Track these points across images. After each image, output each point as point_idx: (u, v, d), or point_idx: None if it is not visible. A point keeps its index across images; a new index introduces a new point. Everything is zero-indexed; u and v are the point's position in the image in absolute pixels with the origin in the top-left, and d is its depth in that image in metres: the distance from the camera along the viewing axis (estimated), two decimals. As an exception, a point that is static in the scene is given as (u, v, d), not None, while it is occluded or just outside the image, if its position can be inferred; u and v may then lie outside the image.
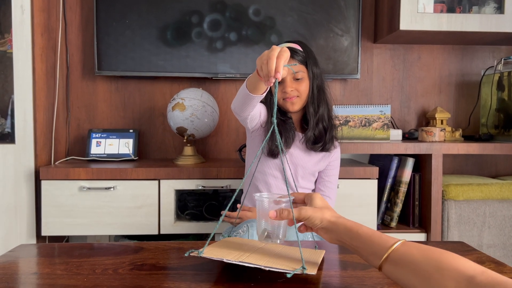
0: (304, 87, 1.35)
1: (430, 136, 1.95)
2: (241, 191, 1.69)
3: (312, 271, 0.74)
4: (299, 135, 1.43)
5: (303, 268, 0.73)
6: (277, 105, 1.40)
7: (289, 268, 0.74)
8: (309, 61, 1.36)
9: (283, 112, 1.41)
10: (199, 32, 2.05)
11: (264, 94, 1.14)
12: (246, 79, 1.12)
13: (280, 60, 0.86)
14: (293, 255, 0.84)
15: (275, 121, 0.81)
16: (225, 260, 0.74)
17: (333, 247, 1.06)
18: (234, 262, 0.74)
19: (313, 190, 1.49)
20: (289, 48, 1.36)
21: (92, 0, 2.04)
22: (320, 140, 1.39)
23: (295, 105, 1.36)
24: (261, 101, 1.37)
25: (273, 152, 1.37)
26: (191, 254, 0.78)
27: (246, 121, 1.28)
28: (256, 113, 1.29)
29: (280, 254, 0.84)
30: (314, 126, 1.38)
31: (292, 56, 1.33)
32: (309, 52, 1.39)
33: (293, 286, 0.77)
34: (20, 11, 1.79)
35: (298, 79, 1.34)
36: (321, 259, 0.85)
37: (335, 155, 1.46)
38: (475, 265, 0.61)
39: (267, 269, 0.73)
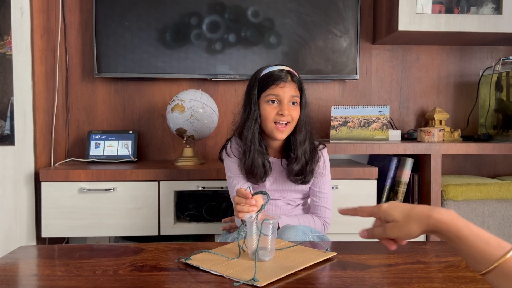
0: (296, 114, 1.32)
1: (429, 136, 1.95)
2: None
3: (262, 283, 0.77)
4: (279, 162, 1.38)
5: (253, 280, 0.78)
6: (264, 130, 1.34)
7: (247, 278, 0.79)
8: (303, 88, 1.34)
9: (260, 143, 1.34)
10: (198, 33, 2.05)
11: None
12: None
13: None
14: (274, 264, 0.88)
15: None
16: (201, 268, 0.85)
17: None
18: (206, 270, 0.84)
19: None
20: (289, 72, 1.31)
21: (91, 2, 2.04)
22: (301, 173, 1.35)
23: (283, 134, 1.32)
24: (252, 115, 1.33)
25: (253, 182, 1.36)
26: (180, 260, 0.90)
27: None
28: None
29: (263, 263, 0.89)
30: (298, 159, 1.33)
31: (292, 80, 1.31)
32: (301, 80, 1.36)
33: (292, 286, 0.77)
34: (20, 13, 1.79)
35: (294, 103, 1.31)
36: (302, 267, 0.86)
37: (320, 166, 1.40)
38: None
39: (227, 277, 0.81)
